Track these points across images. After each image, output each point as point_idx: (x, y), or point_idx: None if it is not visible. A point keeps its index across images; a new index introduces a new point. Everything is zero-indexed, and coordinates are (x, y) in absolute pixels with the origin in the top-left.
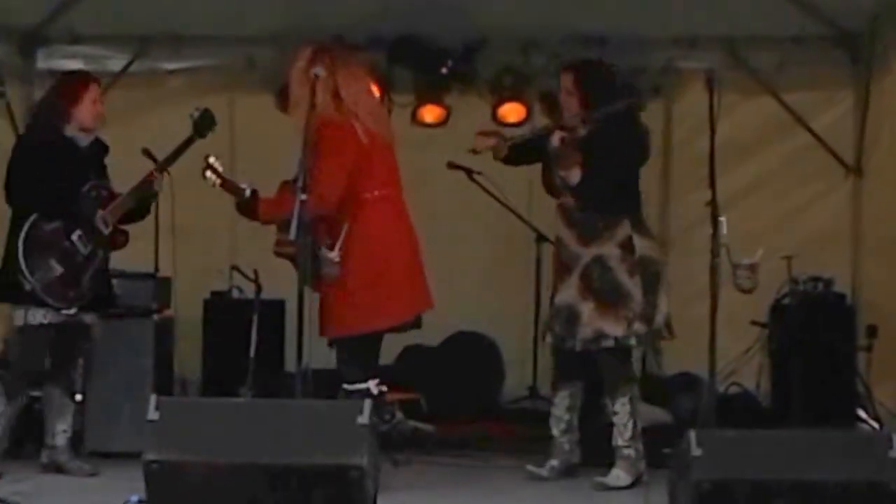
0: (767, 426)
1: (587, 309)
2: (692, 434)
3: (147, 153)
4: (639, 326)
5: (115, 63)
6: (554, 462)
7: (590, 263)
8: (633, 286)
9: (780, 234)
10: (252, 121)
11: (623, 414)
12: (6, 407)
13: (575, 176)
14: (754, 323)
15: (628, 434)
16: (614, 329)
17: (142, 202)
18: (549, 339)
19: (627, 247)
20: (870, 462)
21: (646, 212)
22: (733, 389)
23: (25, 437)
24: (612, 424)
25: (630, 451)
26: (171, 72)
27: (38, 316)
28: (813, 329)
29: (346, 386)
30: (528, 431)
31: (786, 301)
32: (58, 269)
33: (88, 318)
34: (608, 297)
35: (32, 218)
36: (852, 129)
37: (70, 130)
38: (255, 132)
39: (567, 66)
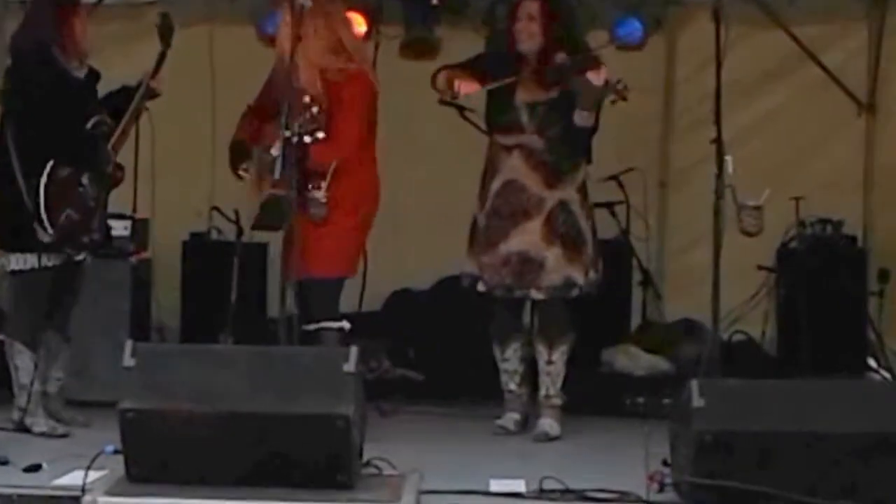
0: (773, 375)
1: (553, 255)
2: (694, 384)
3: (125, 91)
4: (592, 275)
5: None
6: (516, 416)
7: (555, 208)
8: (588, 232)
9: (788, 175)
10: (233, 54)
11: (559, 364)
12: (31, 357)
13: (589, 118)
14: (760, 267)
15: (559, 384)
16: (579, 276)
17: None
18: (481, 287)
19: (583, 191)
20: (880, 413)
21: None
22: (737, 337)
23: None
24: (606, 373)
25: (559, 401)
26: (149, 3)
27: (43, 259)
28: (822, 274)
29: (325, 324)
30: None
31: (793, 245)
32: (74, 218)
33: (86, 258)
34: (573, 242)
35: (50, 165)
36: (866, 64)
37: (66, 61)
38: (236, 66)
39: None
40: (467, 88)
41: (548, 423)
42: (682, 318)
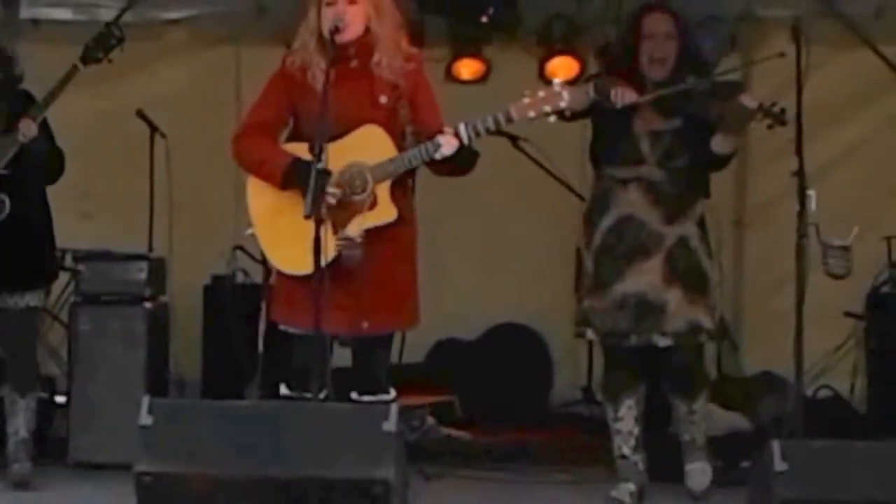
0: (864, 436)
1: (674, 297)
2: (776, 445)
3: (141, 115)
4: (719, 319)
5: (107, 12)
6: (631, 486)
7: (674, 245)
8: (712, 270)
9: (878, 211)
10: (261, 75)
11: (702, 411)
12: None
13: (734, 144)
14: (848, 314)
15: (703, 427)
16: (706, 320)
17: (28, 157)
18: (590, 335)
19: (702, 225)
20: None
21: None
22: (823, 392)
23: None
24: (677, 433)
25: (703, 440)
26: (171, 21)
27: None
28: None
29: (382, 396)
30: (581, 440)
31: (885, 289)
32: None
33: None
34: (695, 282)
35: None
36: None
37: None
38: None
39: (654, 6)
40: (629, 97)
41: (699, 467)
42: (761, 372)
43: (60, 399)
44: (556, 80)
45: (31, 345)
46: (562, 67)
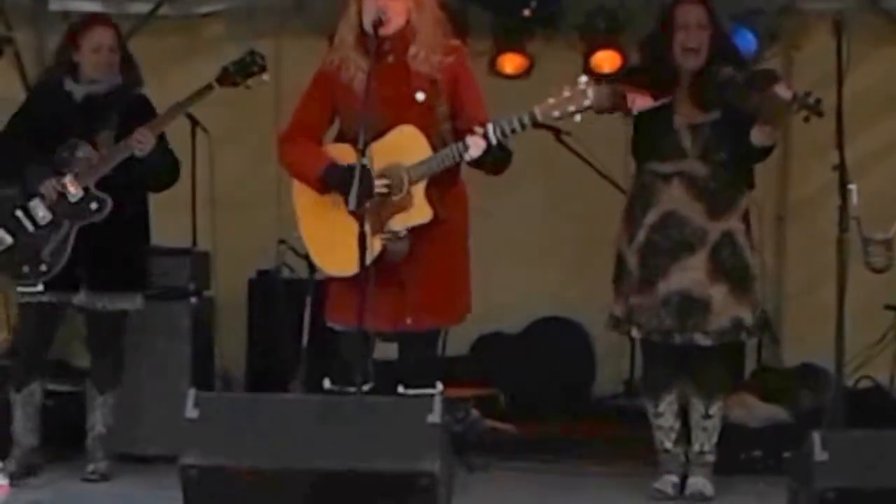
0: None
1: (719, 294)
2: (816, 436)
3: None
4: (760, 314)
5: (141, 5)
6: (674, 478)
7: (719, 240)
8: (755, 266)
9: None
10: (301, 68)
11: (717, 419)
12: (15, 398)
13: (772, 135)
14: (889, 307)
15: (715, 439)
16: (748, 317)
17: (141, 166)
18: (635, 333)
19: (747, 221)
20: None
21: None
22: (864, 383)
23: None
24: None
25: (713, 458)
26: (207, 15)
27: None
28: None
29: (428, 390)
30: (624, 433)
31: None
32: (6, 241)
33: (77, 298)
34: (741, 279)
35: None
36: None
37: (69, 83)
38: (305, 82)
39: None
40: (643, 102)
41: (702, 483)
42: (802, 364)
43: None
44: (582, 79)
45: (115, 347)
46: (605, 61)
